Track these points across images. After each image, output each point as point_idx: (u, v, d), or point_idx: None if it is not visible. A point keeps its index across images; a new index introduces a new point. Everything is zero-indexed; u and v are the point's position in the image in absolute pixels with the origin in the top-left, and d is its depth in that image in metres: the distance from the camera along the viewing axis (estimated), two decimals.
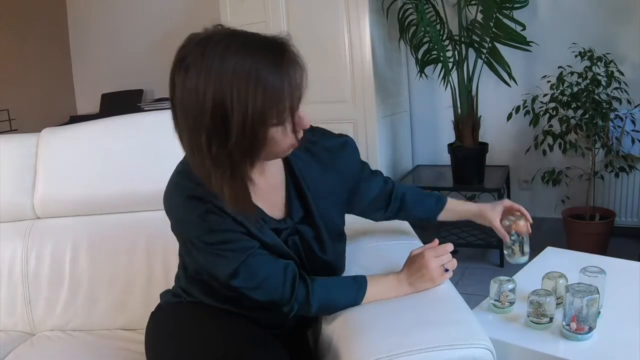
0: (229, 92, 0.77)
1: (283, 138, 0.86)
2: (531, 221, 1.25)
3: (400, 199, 1.21)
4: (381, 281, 1.03)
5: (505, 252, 1.25)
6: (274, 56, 0.80)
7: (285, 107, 0.81)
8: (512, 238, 1.19)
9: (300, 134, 0.89)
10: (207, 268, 0.98)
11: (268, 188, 0.99)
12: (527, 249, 1.22)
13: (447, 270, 1.03)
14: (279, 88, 0.79)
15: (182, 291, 1.09)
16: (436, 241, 1.08)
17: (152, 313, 1.12)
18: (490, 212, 1.22)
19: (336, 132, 1.15)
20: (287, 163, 1.02)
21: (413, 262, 1.03)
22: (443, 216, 1.25)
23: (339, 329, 0.96)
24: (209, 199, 0.90)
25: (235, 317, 1.00)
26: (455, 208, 1.26)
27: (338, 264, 1.10)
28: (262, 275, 0.94)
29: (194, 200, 0.91)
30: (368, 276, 1.02)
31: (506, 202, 1.27)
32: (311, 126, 0.94)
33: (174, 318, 1.04)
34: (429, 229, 3.18)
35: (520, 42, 2.60)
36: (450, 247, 1.06)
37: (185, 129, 0.83)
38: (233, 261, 0.92)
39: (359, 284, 1.00)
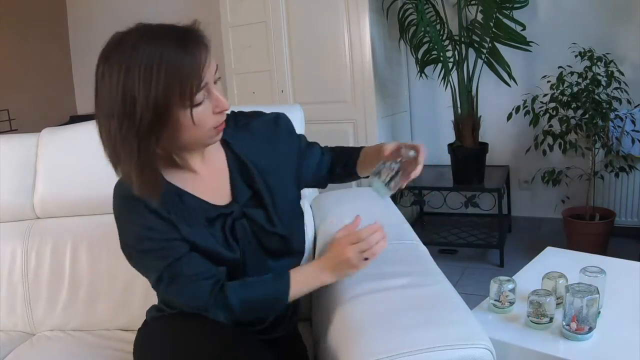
0: (137, 76, 0.81)
1: (202, 121, 0.88)
2: (420, 164, 0.99)
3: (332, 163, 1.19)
4: (304, 271, 1.00)
5: (371, 175, 1.01)
6: (177, 39, 0.84)
7: (193, 87, 0.84)
8: (389, 165, 0.99)
9: (221, 117, 0.91)
10: (141, 273, 1.01)
11: (212, 176, 1.01)
12: (393, 184, 1.00)
13: (366, 258, 0.96)
14: (180, 67, 0.83)
15: (164, 304, 1.09)
16: (357, 221, 1.02)
17: (139, 329, 1.12)
18: (387, 144, 1.03)
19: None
20: (228, 147, 1.04)
21: (331, 249, 0.98)
22: (362, 166, 1.15)
23: (338, 329, 0.96)
24: (141, 199, 0.93)
25: (217, 325, 0.97)
26: (366, 151, 1.15)
27: (294, 238, 1.07)
28: (183, 282, 0.95)
29: (128, 200, 0.94)
30: (298, 267, 1.02)
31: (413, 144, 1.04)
32: (241, 112, 1.07)
33: (158, 333, 1.02)
34: (428, 228, 3.18)
35: (520, 42, 2.60)
36: (369, 231, 0.96)
37: (101, 117, 0.87)
38: (158, 268, 0.95)
39: (280, 276, 0.98)
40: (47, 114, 3.86)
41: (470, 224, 3.17)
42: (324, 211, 1.50)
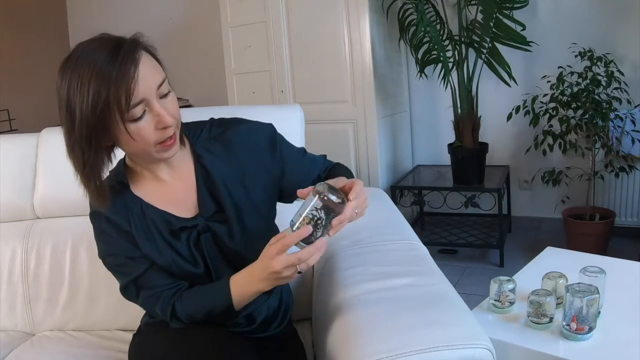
0: (74, 88, 0.83)
1: (143, 136, 0.87)
2: (344, 215, 0.83)
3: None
4: (243, 277, 0.94)
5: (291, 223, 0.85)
6: (110, 52, 0.83)
7: (121, 100, 0.82)
8: (309, 209, 0.82)
9: (165, 133, 0.88)
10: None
11: (179, 187, 1.01)
12: (322, 233, 0.83)
13: (300, 272, 0.87)
14: (108, 80, 0.82)
15: None
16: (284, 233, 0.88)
17: (134, 335, 1.14)
18: (323, 183, 0.86)
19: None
20: (197, 158, 1.02)
21: (263, 258, 0.89)
22: None
23: (338, 329, 0.96)
24: (102, 213, 0.96)
25: (207, 327, 0.98)
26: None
27: (254, 257, 0.94)
28: (145, 294, 0.99)
29: (93, 215, 1.00)
30: (236, 274, 0.95)
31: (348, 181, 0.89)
32: (221, 119, 1.05)
33: (152, 340, 1.03)
34: (428, 228, 3.18)
35: (520, 42, 2.60)
36: (295, 237, 0.83)
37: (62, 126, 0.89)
38: (123, 280, 1.00)
39: (222, 286, 0.95)
40: (47, 114, 3.85)
41: (470, 224, 3.17)
42: None
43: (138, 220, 0.98)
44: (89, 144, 0.86)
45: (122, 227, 0.97)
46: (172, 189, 1.01)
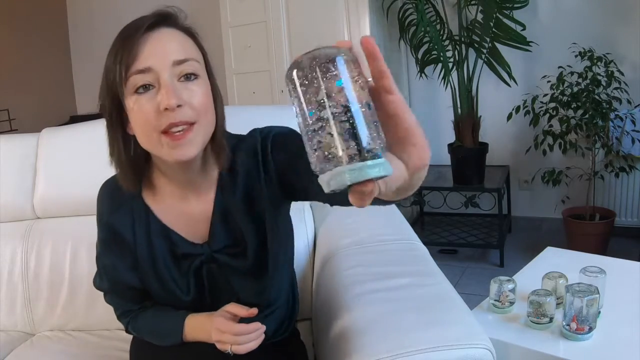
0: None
1: (144, 114, 0.78)
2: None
3: None
4: (198, 322, 0.94)
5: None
6: (142, 20, 0.81)
7: (126, 63, 0.77)
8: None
9: (166, 119, 0.77)
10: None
11: (196, 209, 0.93)
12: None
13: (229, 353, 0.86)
14: (123, 38, 0.80)
15: None
16: (249, 312, 0.91)
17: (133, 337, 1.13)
18: None
19: None
20: (220, 183, 0.93)
21: (211, 321, 0.91)
22: None
23: (339, 330, 0.96)
24: (109, 221, 0.96)
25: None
26: None
27: (270, 290, 0.95)
28: (109, 298, 1.04)
29: (100, 226, 0.99)
30: (192, 316, 0.95)
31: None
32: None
33: (150, 344, 1.03)
34: (428, 228, 3.18)
35: (520, 42, 2.60)
36: (244, 328, 0.87)
37: None
38: (103, 283, 1.02)
39: (176, 320, 0.95)
40: (47, 114, 3.86)
41: (470, 224, 3.17)
42: (325, 211, 1.49)
43: (140, 231, 0.94)
44: (114, 117, 0.82)
45: (122, 235, 0.94)
46: (187, 206, 0.93)
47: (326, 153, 0.44)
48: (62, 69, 4.19)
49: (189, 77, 0.80)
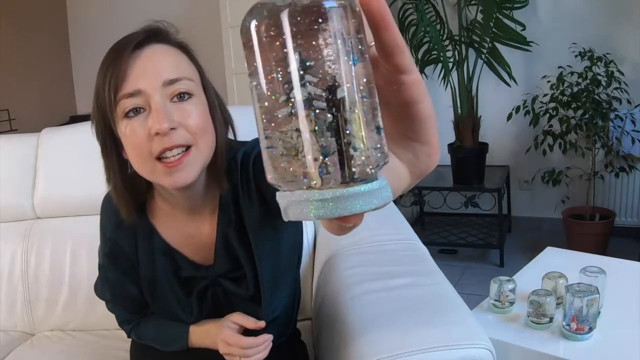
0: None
1: (135, 138, 0.74)
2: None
3: None
4: (203, 331, 0.94)
5: None
6: (131, 37, 0.77)
7: (116, 87, 0.73)
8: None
9: (159, 143, 0.73)
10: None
11: (202, 229, 0.90)
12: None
13: None
14: (110, 60, 0.75)
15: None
16: (257, 324, 0.91)
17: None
18: None
19: None
20: (222, 205, 0.89)
21: (217, 331, 0.91)
22: None
23: (339, 329, 0.96)
24: (113, 238, 0.93)
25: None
26: None
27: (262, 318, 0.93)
28: (111, 306, 1.04)
29: (103, 239, 0.96)
30: (197, 325, 0.96)
31: None
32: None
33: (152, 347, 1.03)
34: (428, 228, 3.18)
35: (520, 42, 2.60)
36: (253, 342, 0.86)
37: None
38: (104, 292, 1.00)
39: (179, 330, 0.95)
40: (47, 114, 3.86)
41: (470, 224, 3.17)
42: None
43: (143, 249, 0.92)
44: (104, 140, 0.80)
45: (126, 252, 0.92)
46: (192, 228, 0.90)
47: (287, 163, 0.28)
48: (62, 69, 4.18)
49: (182, 96, 0.75)
